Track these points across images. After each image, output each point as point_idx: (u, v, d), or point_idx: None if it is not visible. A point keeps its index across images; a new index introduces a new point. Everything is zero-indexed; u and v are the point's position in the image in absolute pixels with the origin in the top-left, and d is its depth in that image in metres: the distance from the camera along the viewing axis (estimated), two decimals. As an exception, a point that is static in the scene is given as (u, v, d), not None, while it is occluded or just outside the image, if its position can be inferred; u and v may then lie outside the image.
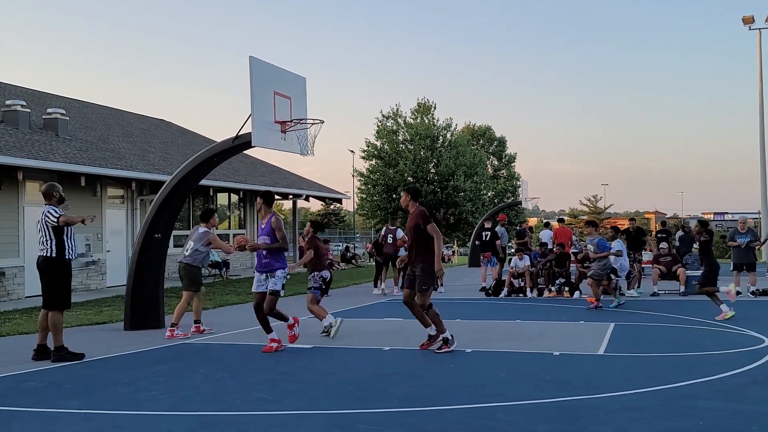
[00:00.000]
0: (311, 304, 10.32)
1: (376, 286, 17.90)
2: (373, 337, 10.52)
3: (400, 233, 17.49)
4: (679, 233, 20.71)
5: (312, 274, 10.40)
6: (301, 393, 6.76)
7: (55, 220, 8.37)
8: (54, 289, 8.47)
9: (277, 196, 29.33)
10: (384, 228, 18.39)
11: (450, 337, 8.93)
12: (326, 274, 10.55)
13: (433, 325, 8.99)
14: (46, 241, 8.42)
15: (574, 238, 24.08)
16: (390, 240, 17.35)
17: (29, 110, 19.63)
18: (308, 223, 11.03)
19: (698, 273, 17.23)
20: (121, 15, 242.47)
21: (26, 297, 17.14)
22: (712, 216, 65.30)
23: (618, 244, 15.29)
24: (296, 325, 9.57)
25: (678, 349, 9.01)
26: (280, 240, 9.02)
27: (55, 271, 8.47)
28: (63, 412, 6.17)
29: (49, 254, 8.43)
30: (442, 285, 18.00)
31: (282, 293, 9.10)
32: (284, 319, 9.36)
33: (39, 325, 8.76)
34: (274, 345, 9.14)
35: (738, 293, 15.82)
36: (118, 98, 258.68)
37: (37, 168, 16.87)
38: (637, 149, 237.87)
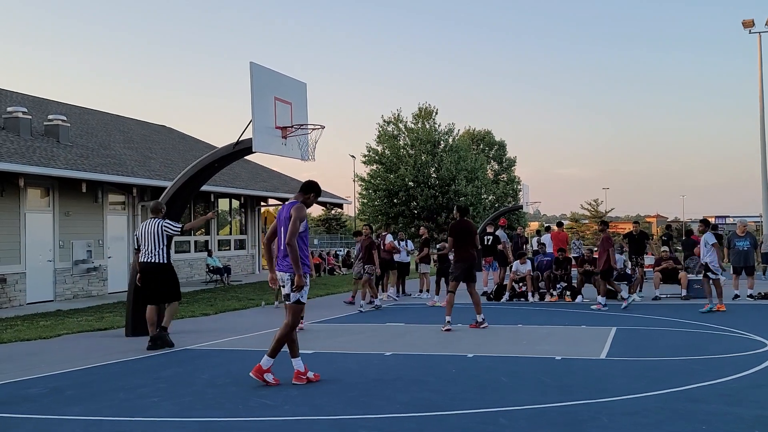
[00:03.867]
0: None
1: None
2: (374, 342, 10.52)
3: (389, 238, 17.59)
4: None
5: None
6: (304, 398, 6.75)
7: (178, 229, 10.02)
8: (174, 285, 10.09)
9: (277, 201, 29.37)
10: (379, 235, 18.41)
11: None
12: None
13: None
14: (159, 248, 9.90)
15: (577, 242, 24.08)
16: (383, 247, 17.31)
17: (30, 117, 19.65)
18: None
19: (701, 277, 17.26)
20: (122, 22, 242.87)
21: (28, 303, 17.14)
22: (713, 219, 65.22)
23: None
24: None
25: (680, 353, 9.00)
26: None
27: (171, 273, 10.14)
28: (64, 418, 6.16)
29: (160, 260, 9.96)
30: (428, 291, 17.96)
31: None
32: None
33: (149, 320, 10.03)
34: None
35: (736, 296, 15.85)
36: (118, 104, 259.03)
37: (39, 174, 16.89)
38: (638, 153, 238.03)
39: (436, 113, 44.78)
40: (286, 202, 7.56)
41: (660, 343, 9.93)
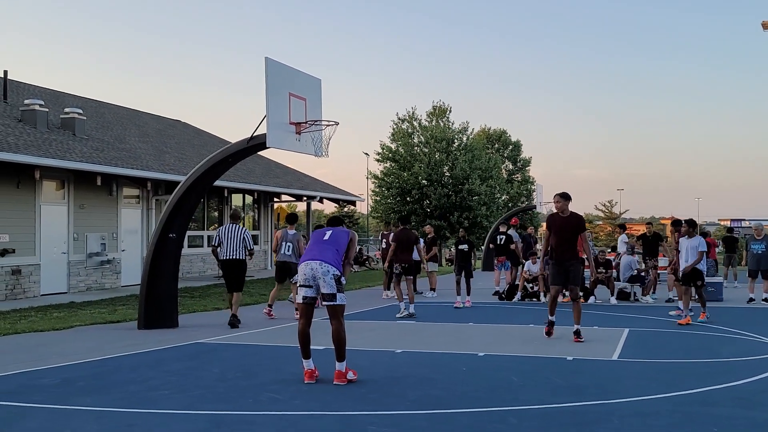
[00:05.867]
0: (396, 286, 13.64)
1: (387, 288, 17.87)
2: (385, 339, 10.52)
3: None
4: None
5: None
6: (313, 394, 6.76)
7: (252, 246, 12.34)
8: (244, 277, 12.27)
9: (291, 198, 29.43)
10: (380, 234, 18.36)
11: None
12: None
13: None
14: (240, 248, 12.06)
15: (590, 243, 23.96)
16: (384, 245, 17.24)
17: (47, 110, 19.78)
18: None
19: (715, 279, 17.15)
20: (138, 16, 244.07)
21: (42, 295, 17.27)
22: (728, 222, 64.69)
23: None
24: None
25: (692, 355, 8.94)
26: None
27: (245, 267, 12.31)
28: (76, 409, 6.20)
29: (242, 257, 12.13)
30: (434, 290, 17.93)
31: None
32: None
33: (230, 301, 12.21)
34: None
35: (751, 300, 15.74)
36: (134, 98, 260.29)
37: (54, 167, 17.00)
38: (653, 155, 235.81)
39: (450, 111, 44.67)
40: (334, 227, 7.75)
41: (673, 345, 9.86)
